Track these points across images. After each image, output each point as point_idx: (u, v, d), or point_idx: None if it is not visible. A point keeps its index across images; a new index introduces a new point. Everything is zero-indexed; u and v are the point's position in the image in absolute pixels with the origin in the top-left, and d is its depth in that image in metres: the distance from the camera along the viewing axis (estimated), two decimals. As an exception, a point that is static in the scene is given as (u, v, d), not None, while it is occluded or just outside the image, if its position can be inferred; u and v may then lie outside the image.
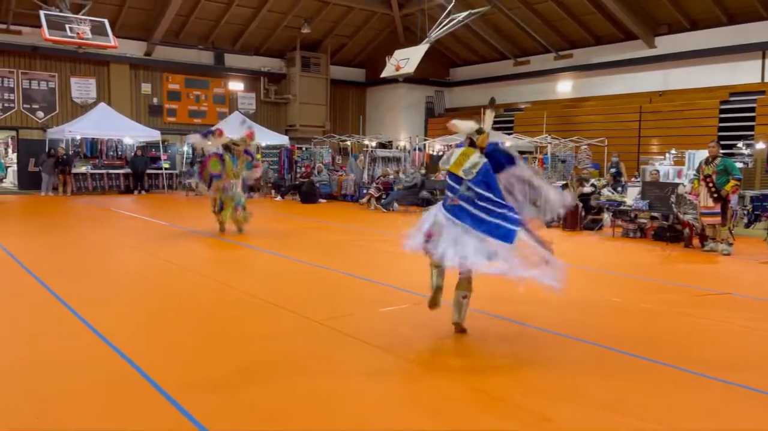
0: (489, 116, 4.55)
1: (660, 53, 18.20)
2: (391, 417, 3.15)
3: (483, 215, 4.06)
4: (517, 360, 4.08)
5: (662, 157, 15.24)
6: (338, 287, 6.26)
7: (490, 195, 4.09)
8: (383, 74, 18.86)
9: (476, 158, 4.25)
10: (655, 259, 8.61)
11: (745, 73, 16.59)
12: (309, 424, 3.04)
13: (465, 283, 4.44)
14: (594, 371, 3.87)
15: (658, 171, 12.56)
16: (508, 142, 17.34)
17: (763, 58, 16.39)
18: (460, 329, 4.52)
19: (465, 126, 4.49)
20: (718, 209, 8.85)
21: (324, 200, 17.21)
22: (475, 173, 4.17)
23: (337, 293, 5.96)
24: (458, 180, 4.24)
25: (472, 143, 4.40)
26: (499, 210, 4.05)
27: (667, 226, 10.00)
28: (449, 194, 4.32)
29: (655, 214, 10.26)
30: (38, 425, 2.98)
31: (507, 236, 3.96)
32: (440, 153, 19.30)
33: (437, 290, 4.50)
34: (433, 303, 4.57)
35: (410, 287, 6.11)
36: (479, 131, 4.38)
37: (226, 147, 9.54)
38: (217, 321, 4.88)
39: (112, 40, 16.22)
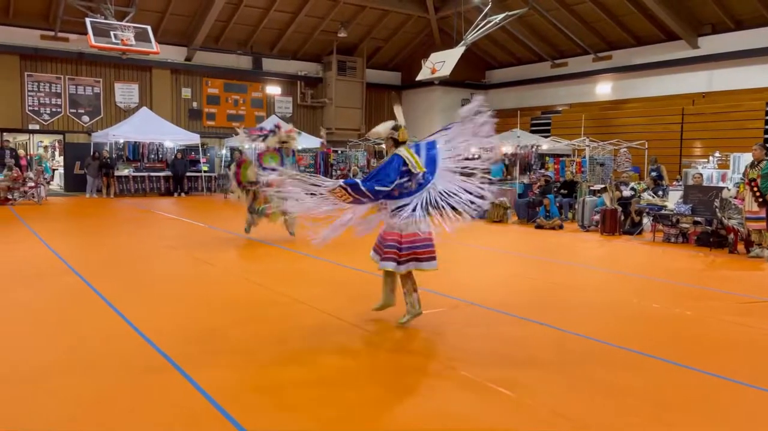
0: (398, 111, 5.22)
1: (703, 54, 17.72)
2: (434, 421, 3.16)
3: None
4: (557, 369, 4.03)
5: (705, 160, 14.84)
6: (372, 290, 6.29)
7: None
8: (419, 77, 18.85)
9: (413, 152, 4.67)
10: (698, 265, 8.39)
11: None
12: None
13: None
14: (633, 379, 3.80)
15: (701, 175, 12.24)
16: (545, 145, 17.15)
17: (812, 57, 15.82)
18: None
19: (383, 129, 4.79)
20: (763, 213, 8.58)
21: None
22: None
23: (371, 296, 5.98)
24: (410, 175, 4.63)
25: (396, 143, 4.73)
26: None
27: (710, 231, 9.74)
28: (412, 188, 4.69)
29: (698, 219, 9.99)
30: (73, 426, 3.08)
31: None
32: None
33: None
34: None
35: (446, 291, 6.11)
36: (396, 128, 4.74)
37: (278, 148, 9.36)
38: (256, 322, 4.96)
39: (154, 46, 16.63)
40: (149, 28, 16.76)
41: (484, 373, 3.77)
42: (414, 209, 4.58)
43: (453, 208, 4.76)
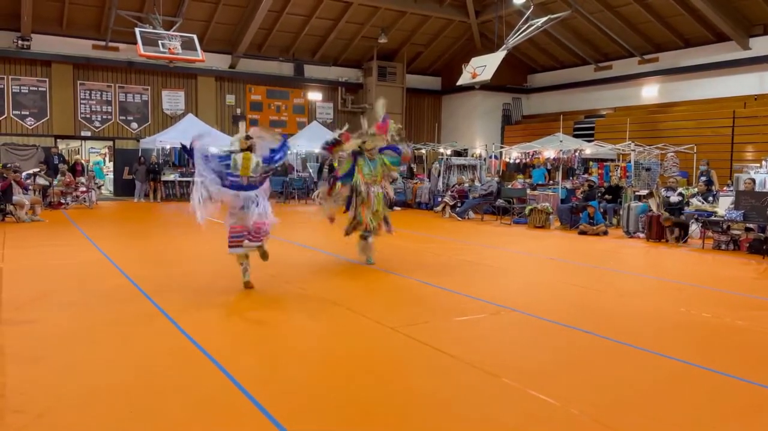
0: (242, 127, 6.38)
1: (755, 55, 17.10)
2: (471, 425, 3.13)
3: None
4: (604, 375, 3.95)
5: (758, 164, 14.30)
6: (414, 296, 6.29)
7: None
8: (459, 82, 18.78)
9: (255, 158, 6.07)
10: (750, 273, 8.09)
11: None
12: None
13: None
14: (682, 391, 3.69)
15: (753, 180, 11.80)
16: (588, 149, 16.83)
17: None
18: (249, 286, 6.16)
19: (239, 137, 6.15)
20: (822, 220, 8.22)
21: (398, 208, 17.32)
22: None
23: (413, 302, 5.98)
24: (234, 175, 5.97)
25: (249, 149, 6.05)
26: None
27: (763, 238, 9.38)
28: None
29: (750, 225, 9.64)
30: None
31: None
32: (517, 161, 18.97)
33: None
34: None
35: (486, 297, 6.06)
36: (248, 137, 6.13)
37: (356, 152, 7.74)
38: (294, 325, 5.02)
39: (200, 55, 17.07)
40: (195, 36, 17.22)
41: (526, 380, 3.72)
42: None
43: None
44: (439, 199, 16.25)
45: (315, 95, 23.66)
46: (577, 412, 3.30)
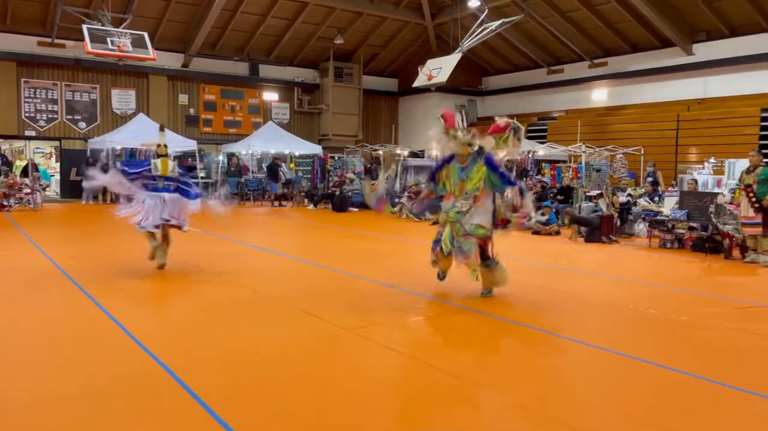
0: (161, 135, 7.24)
1: (698, 60, 17.82)
2: (422, 421, 3.15)
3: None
4: (553, 371, 4.03)
5: (701, 166, 14.89)
6: (370, 296, 6.28)
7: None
8: (415, 84, 18.91)
9: (172, 163, 7.13)
10: (694, 270, 8.41)
11: (787, 80, 16.11)
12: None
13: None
14: (630, 384, 3.80)
15: (695, 181, 12.28)
16: (541, 151, 17.18)
17: (807, 64, 15.91)
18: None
19: (150, 142, 7.01)
20: (759, 219, 8.61)
21: (356, 209, 17.30)
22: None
23: (367, 302, 5.98)
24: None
25: (165, 155, 7.04)
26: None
27: (706, 237, 9.76)
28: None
29: (693, 224, 10.02)
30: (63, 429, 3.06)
31: None
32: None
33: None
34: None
35: (442, 297, 6.10)
36: (165, 146, 7.12)
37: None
38: (243, 326, 4.95)
39: (151, 53, 16.65)
40: (146, 34, 16.79)
41: (479, 377, 3.76)
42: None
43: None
44: (396, 200, 16.31)
45: (271, 95, 23.42)
46: (527, 405, 3.35)
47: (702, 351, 4.57)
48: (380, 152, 22.32)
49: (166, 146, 7.18)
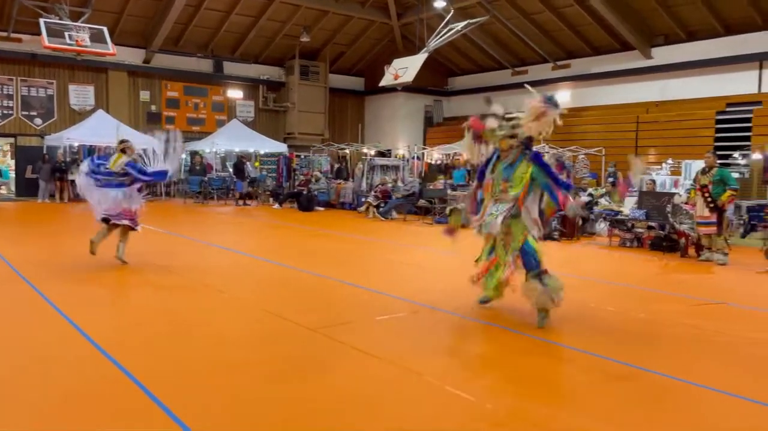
0: (120, 132, 7.85)
1: (657, 64, 18.30)
2: (385, 423, 3.14)
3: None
4: (509, 368, 4.08)
5: (659, 167, 15.29)
6: (334, 296, 6.26)
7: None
8: (382, 83, 18.93)
9: (123, 159, 7.18)
10: (651, 269, 8.62)
11: (741, 83, 16.67)
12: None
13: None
14: (586, 380, 3.86)
15: (653, 181, 12.60)
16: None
17: (760, 68, 16.47)
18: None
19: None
20: (714, 218, 8.87)
21: (322, 208, 17.22)
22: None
23: (333, 302, 5.95)
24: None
25: (122, 151, 7.25)
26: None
27: (663, 236, 10.02)
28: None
29: (651, 224, 10.28)
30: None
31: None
32: (439, 162, 19.35)
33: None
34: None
35: (407, 296, 6.11)
36: (122, 141, 7.49)
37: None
38: (210, 328, 4.87)
39: (110, 48, 16.28)
40: (105, 29, 16.42)
41: (446, 377, 3.78)
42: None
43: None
44: (363, 199, 16.29)
45: (235, 93, 23.13)
46: (492, 407, 3.38)
47: (656, 346, 4.68)
48: (347, 151, 22.27)
49: (122, 141, 7.49)
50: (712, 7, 16.43)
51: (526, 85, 5.60)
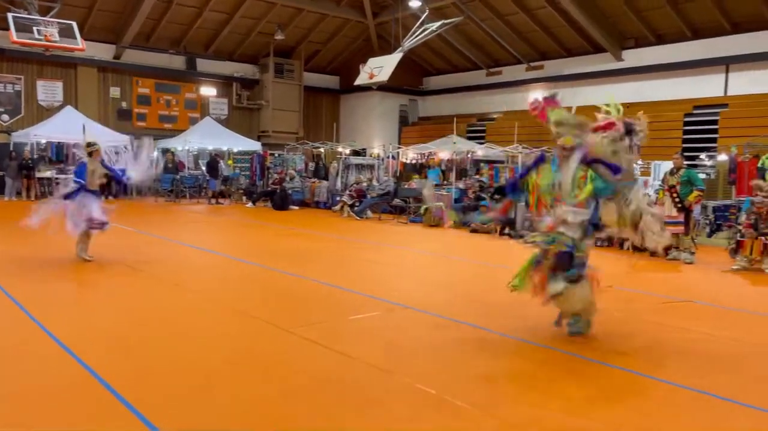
0: (86, 134, 8.12)
1: (627, 66, 18.61)
2: (358, 422, 3.14)
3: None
4: (484, 365, 4.11)
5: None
6: (308, 295, 6.23)
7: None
8: (357, 82, 18.90)
9: (92, 165, 7.39)
10: (622, 267, 8.77)
11: (708, 86, 17.05)
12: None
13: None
14: (556, 376, 3.92)
15: (624, 181, 12.78)
16: (480, 151, 17.52)
17: (726, 72, 16.87)
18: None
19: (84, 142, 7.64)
20: (681, 218, 9.07)
21: (296, 207, 17.14)
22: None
23: (306, 301, 5.93)
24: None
25: (90, 154, 7.40)
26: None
27: (633, 235, 10.18)
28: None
29: (622, 223, 10.43)
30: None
31: None
32: (414, 161, 19.39)
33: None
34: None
35: (381, 295, 6.12)
36: (90, 144, 7.52)
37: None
38: (180, 327, 4.81)
39: (80, 43, 15.97)
40: (74, 24, 16.11)
41: (416, 375, 3.79)
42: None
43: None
44: (338, 198, 16.26)
45: (208, 90, 22.85)
46: (461, 403, 3.40)
47: (623, 342, 4.76)
48: (321, 150, 22.19)
49: (89, 143, 7.54)
50: (680, 11, 16.77)
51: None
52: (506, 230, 11.93)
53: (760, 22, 15.77)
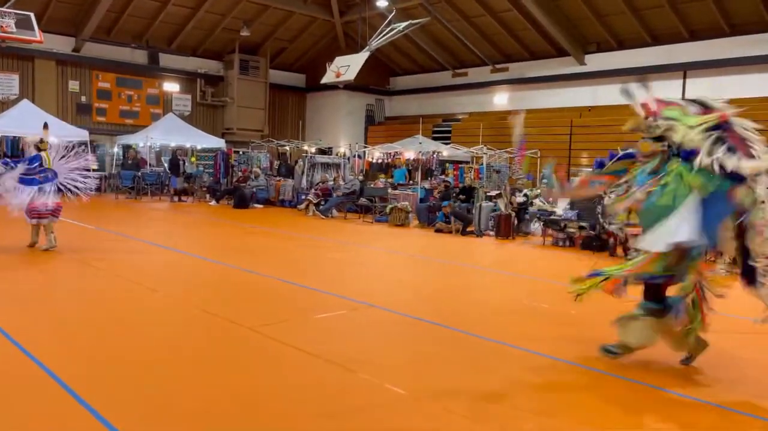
0: (44, 133, 8.29)
1: (589, 70, 18.99)
2: (323, 421, 3.13)
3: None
4: (451, 365, 4.14)
5: (591, 169, 15.85)
6: (272, 294, 6.18)
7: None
8: (323, 80, 18.81)
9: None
10: (583, 267, 8.93)
11: (666, 91, 17.16)
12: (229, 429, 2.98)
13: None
14: (518, 374, 3.97)
15: (586, 183, 13.05)
16: (445, 151, 17.65)
17: (684, 77, 17.38)
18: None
19: (31, 139, 8.00)
20: (640, 219, 9.28)
21: (260, 206, 16.96)
22: None
23: (270, 300, 5.88)
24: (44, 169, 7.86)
25: (39, 149, 7.92)
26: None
27: (594, 235, 10.42)
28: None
29: (583, 224, 10.67)
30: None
31: None
32: (380, 161, 19.43)
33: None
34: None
35: (347, 294, 6.11)
36: (41, 141, 8.03)
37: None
38: (140, 326, 4.71)
39: (37, 35, 15.50)
40: (32, 15, 15.63)
41: (382, 374, 3.80)
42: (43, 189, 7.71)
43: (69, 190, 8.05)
44: (303, 197, 16.16)
45: (171, 86, 22.41)
46: (428, 402, 3.42)
47: (586, 340, 4.86)
48: (287, 148, 22.02)
49: (42, 140, 8.11)
50: (640, 18, 17.20)
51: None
52: (468, 230, 12.06)
53: (717, 30, 16.32)
